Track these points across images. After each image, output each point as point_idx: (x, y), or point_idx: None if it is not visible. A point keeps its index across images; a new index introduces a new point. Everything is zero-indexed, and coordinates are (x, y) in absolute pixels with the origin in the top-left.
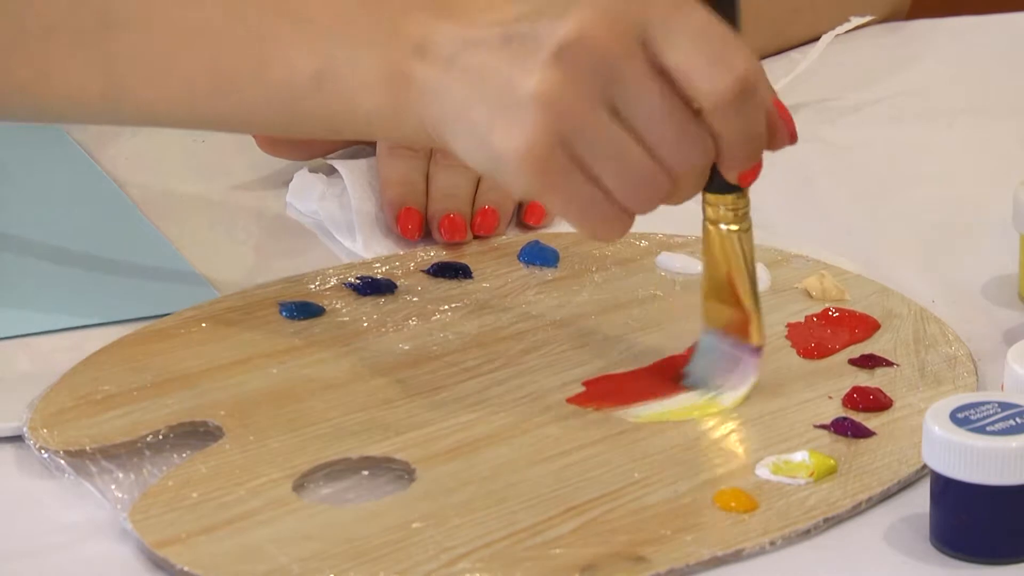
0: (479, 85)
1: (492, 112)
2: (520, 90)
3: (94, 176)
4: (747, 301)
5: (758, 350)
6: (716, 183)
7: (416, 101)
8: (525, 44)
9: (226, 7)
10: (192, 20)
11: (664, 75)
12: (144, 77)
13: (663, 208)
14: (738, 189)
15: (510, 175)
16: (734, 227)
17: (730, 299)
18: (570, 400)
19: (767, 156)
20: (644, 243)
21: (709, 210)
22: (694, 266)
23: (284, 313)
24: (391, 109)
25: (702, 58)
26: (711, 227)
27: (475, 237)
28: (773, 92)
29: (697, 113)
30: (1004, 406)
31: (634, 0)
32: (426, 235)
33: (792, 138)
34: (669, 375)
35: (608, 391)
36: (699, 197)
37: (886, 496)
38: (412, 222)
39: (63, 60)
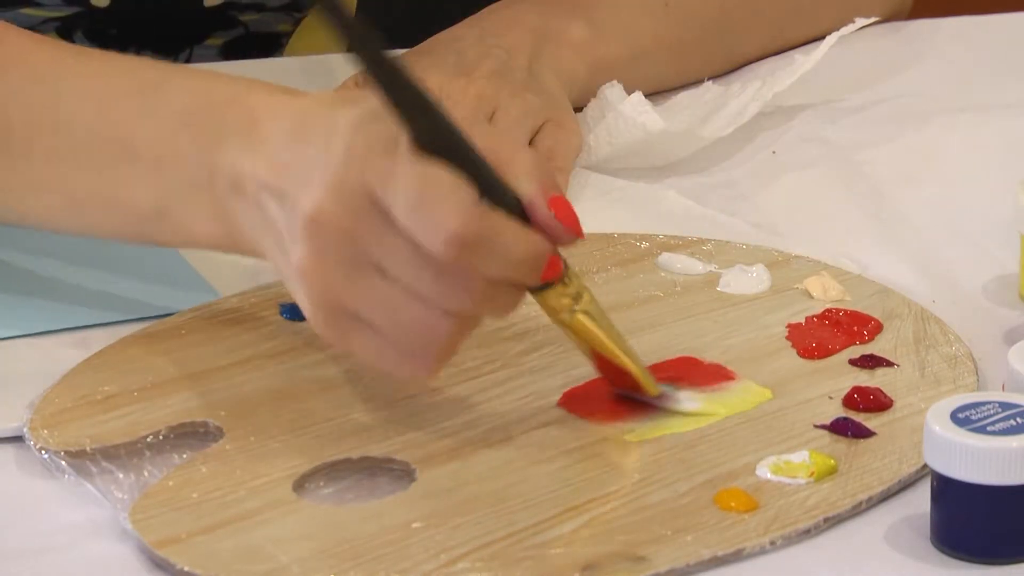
0: (274, 243)
1: (284, 275)
2: (289, 261)
3: None
4: (626, 363)
5: (660, 398)
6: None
7: (244, 235)
8: (285, 205)
9: (81, 138)
10: (59, 148)
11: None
12: (27, 199)
13: (662, 209)
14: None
15: None
16: (575, 308)
17: (613, 368)
18: (560, 403)
19: (768, 159)
20: (645, 244)
21: (543, 307)
22: (695, 267)
23: (284, 314)
24: (228, 240)
25: (419, 221)
26: (554, 319)
27: None
28: (556, 187)
29: None
30: (1005, 406)
31: (354, 166)
32: None
33: (573, 236)
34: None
35: (596, 400)
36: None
37: (886, 496)
38: None
39: None
